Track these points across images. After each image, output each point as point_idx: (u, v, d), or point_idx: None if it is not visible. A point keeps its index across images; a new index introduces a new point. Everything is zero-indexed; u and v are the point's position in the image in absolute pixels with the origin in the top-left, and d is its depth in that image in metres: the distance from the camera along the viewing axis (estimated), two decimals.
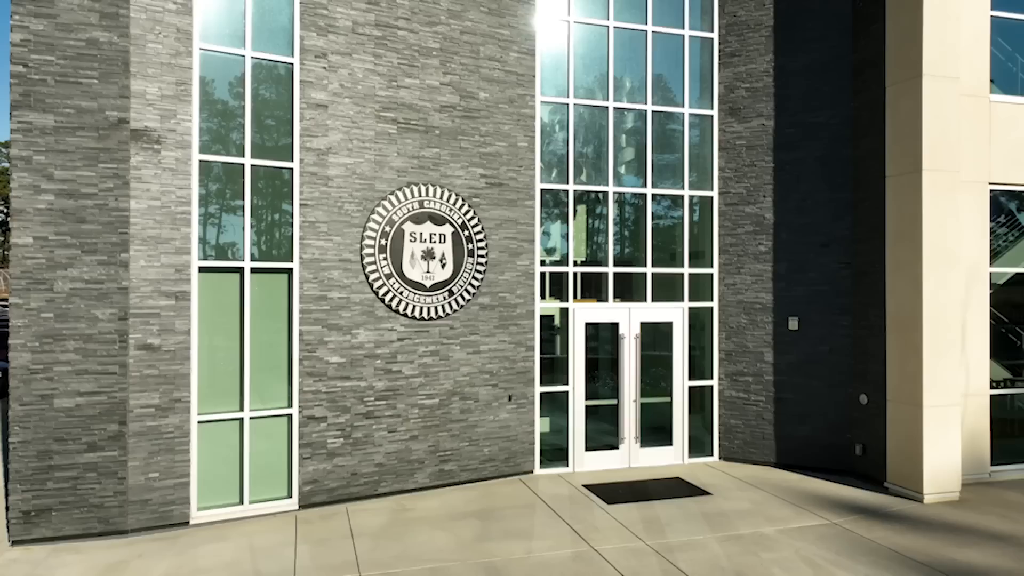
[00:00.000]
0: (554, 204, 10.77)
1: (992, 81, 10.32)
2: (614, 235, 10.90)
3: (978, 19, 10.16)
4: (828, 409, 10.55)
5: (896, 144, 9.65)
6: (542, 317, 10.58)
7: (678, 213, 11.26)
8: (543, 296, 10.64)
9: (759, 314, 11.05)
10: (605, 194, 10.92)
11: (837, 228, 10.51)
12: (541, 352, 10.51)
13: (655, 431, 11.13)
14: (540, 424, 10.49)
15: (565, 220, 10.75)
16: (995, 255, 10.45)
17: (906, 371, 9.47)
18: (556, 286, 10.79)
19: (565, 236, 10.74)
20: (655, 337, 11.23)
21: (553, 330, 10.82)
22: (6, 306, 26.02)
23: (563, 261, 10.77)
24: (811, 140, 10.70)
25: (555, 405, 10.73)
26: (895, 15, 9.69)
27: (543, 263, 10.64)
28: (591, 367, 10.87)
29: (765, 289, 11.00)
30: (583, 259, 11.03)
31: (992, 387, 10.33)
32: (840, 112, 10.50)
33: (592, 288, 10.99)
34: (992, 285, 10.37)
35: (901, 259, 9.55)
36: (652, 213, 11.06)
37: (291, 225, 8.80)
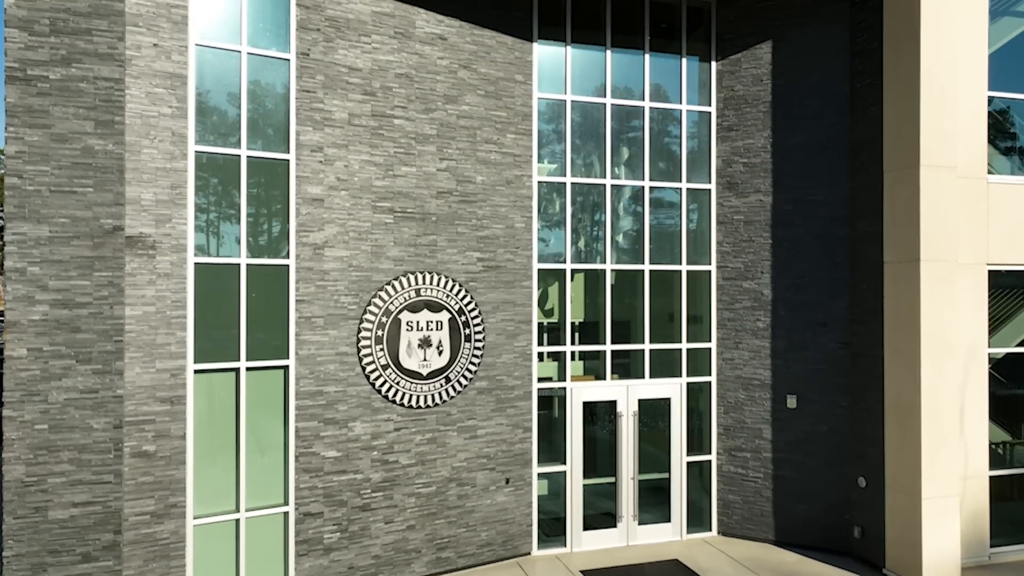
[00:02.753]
0: (552, 282, 10.74)
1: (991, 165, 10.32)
2: (611, 312, 10.86)
3: (975, 100, 10.14)
4: (827, 489, 10.52)
5: (894, 230, 9.63)
6: (539, 396, 10.54)
7: (676, 288, 11.22)
8: (540, 376, 10.61)
9: (757, 390, 11.01)
10: (603, 271, 10.90)
11: (835, 307, 10.49)
12: (538, 431, 10.48)
13: (653, 506, 11.09)
14: (537, 505, 10.44)
15: (563, 298, 10.72)
16: (993, 330, 10.39)
17: (904, 460, 9.44)
18: (554, 365, 10.76)
19: (562, 314, 10.71)
20: (653, 412, 11.20)
21: (551, 409, 10.78)
22: (2, 320, 25.67)
23: (560, 340, 10.74)
24: (809, 218, 10.68)
25: (553, 485, 10.69)
26: (892, 101, 9.68)
27: (540, 342, 10.61)
28: (589, 444, 10.84)
29: (763, 365, 10.97)
30: (580, 337, 10.99)
31: (992, 461, 10.25)
32: (837, 191, 10.49)
33: (589, 365, 10.96)
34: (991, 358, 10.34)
35: (899, 346, 9.53)
36: (650, 288, 11.03)
37: (287, 321, 8.77)
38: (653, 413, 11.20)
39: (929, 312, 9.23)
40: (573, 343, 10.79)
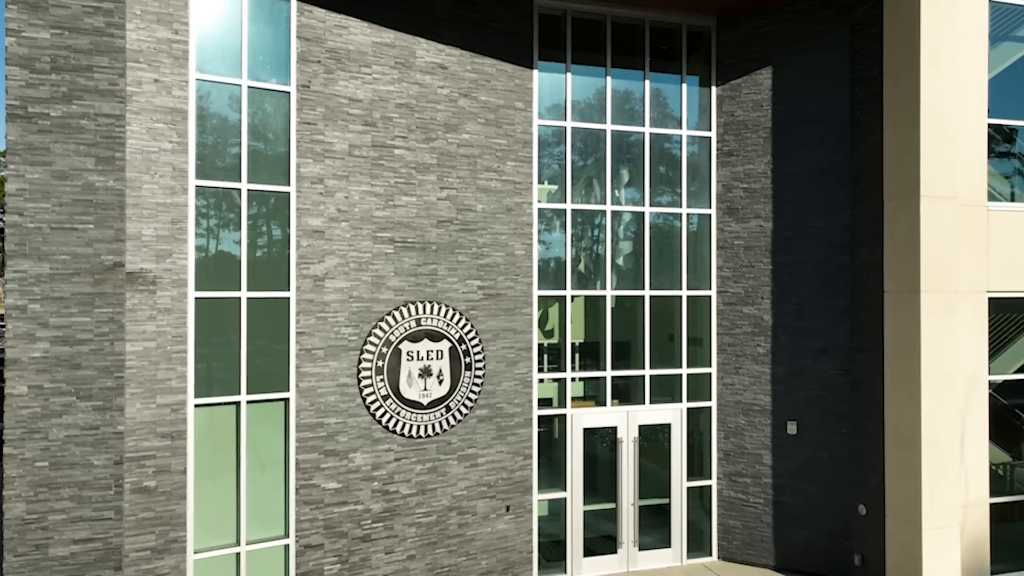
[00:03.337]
0: (552, 303, 10.75)
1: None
2: (612, 338, 10.86)
3: (975, 128, 10.13)
4: (827, 515, 10.52)
5: (894, 260, 9.63)
6: (540, 423, 10.54)
7: (676, 313, 11.22)
8: (540, 397, 10.61)
9: (757, 416, 11.01)
10: (603, 297, 10.90)
11: (835, 335, 10.49)
12: (538, 458, 10.47)
13: (654, 530, 11.09)
14: (538, 532, 10.44)
15: (563, 321, 10.73)
16: (993, 354, 10.37)
17: (905, 490, 9.44)
18: (554, 386, 10.76)
19: (563, 337, 10.72)
20: (653, 437, 11.20)
21: (551, 436, 10.78)
22: (3, 325, 25.56)
23: (561, 362, 10.75)
24: (809, 244, 10.69)
25: (553, 511, 10.69)
26: (892, 130, 9.69)
27: (541, 367, 10.61)
28: (589, 470, 10.84)
29: (764, 391, 10.97)
30: (581, 358, 11.00)
31: (993, 481, 10.23)
32: (838, 218, 10.49)
33: (589, 392, 10.97)
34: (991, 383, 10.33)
35: (899, 376, 9.53)
36: (650, 313, 11.03)
37: (288, 354, 8.77)
38: (653, 438, 11.19)
39: (929, 343, 9.23)
40: (574, 365, 10.79)
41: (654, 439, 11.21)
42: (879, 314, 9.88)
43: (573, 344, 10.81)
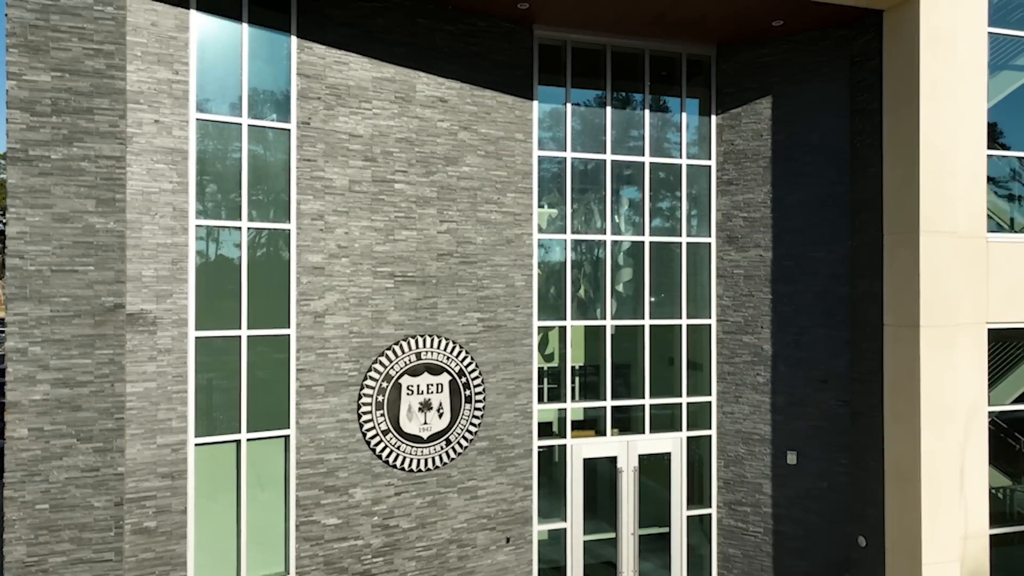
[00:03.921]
0: (552, 331, 10.76)
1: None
2: (611, 367, 10.87)
3: (974, 160, 10.12)
4: (827, 546, 10.52)
5: (894, 293, 9.64)
6: (539, 453, 10.55)
7: (676, 342, 11.23)
8: (540, 421, 10.60)
9: (757, 445, 11.02)
10: (603, 328, 10.91)
11: (835, 365, 10.49)
12: (538, 489, 10.48)
13: (654, 559, 11.09)
14: (538, 562, 10.44)
15: (564, 351, 10.74)
16: (992, 383, 10.35)
17: (905, 524, 9.45)
18: (554, 411, 10.77)
19: (562, 368, 10.73)
20: (653, 466, 11.20)
21: (551, 466, 10.78)
22: (3, 331, 25.48)
23: (561, 387, 10.76)
24: (809, 275, 10.69)
25: (553, 541, 10.70)
26: (892, 163, 9.69)
27: (541, 398, 10.62)
28: (589, 499, 10.84)
29: (763, 420, 10.97)
30: (581, 382, 11.01)
31: (992, 504, 10.21)
32: (838, 249, 10.49)
33: (589, 418, 10.98)
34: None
35: (899, 410, 9.53)
36: (650, 342, 11.03)
37: (288, 391, 8.77)
38: (654, 467, 11.20)
39: (929, 378, 9.24)
40: (574, 395, 10.80)
41: (654, 468, 11.21)
42: (879, 346, 9.88)
43: (573, 372, 10.82)
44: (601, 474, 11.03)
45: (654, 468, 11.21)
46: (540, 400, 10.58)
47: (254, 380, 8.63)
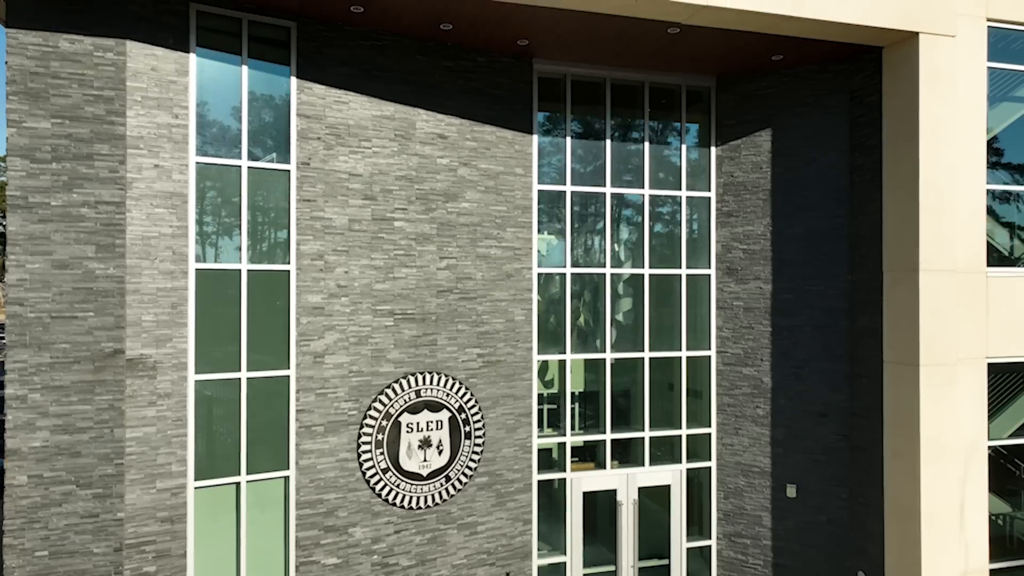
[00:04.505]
0: (551, 366, 10.77)
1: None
2: (611, 400, 10.87)
3: (973, 196, 10.11)
4: None
5: (893, 331, 9.64)
6: (539, 488, 10.54)
7: (676, 373, 11.22)
8: (540, 466, 10.60)
9: (757, 477, 11.02)
10: (603, 360, 10.91)
11: (835, 399, 10.49)
12: (538, 522, 10.47)
13: None
14: None
15: (563, 383, 10.74)
16: (992, 415, 10.34)
17: (904, 561, 9.44)
18: (554, 453, 10.77)
19: (562, 401, 10.73)
20: (653, 498, 11.20)
21: (551, 499, 10.78)
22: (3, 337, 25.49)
23: (561, 430, 10.76)
24: (809, 308, 10.69)
25: (553, 575, 10.69)
26: (891, 201, 9.69)
27: (540, 427, 10.62)
28: (589, 530, 10.83)
29: (763, 453, 10.97)
30: (581, 425, 11.01)
31: (992, 530, 10.20)
32: (837, 283, 10.49)
33: (589, 452, 10.98)
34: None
35: (899, 448, 9.53)
36: (650, 374, 11.03)
37: (287, 432, 8.78)
38: (653, 499, 11.19)
39: (929, 417, 9.23)
40: (573, 426, 10.79)
41: (654, 500, 11.20)
42: (878, 382, 9.88)
43: (573, 404, 10.82)
44: (601, 505, 11.02)
45: (654, 500, 11.21)
46: (540, 428, 10.58)
47: (254, 422, 8.63)
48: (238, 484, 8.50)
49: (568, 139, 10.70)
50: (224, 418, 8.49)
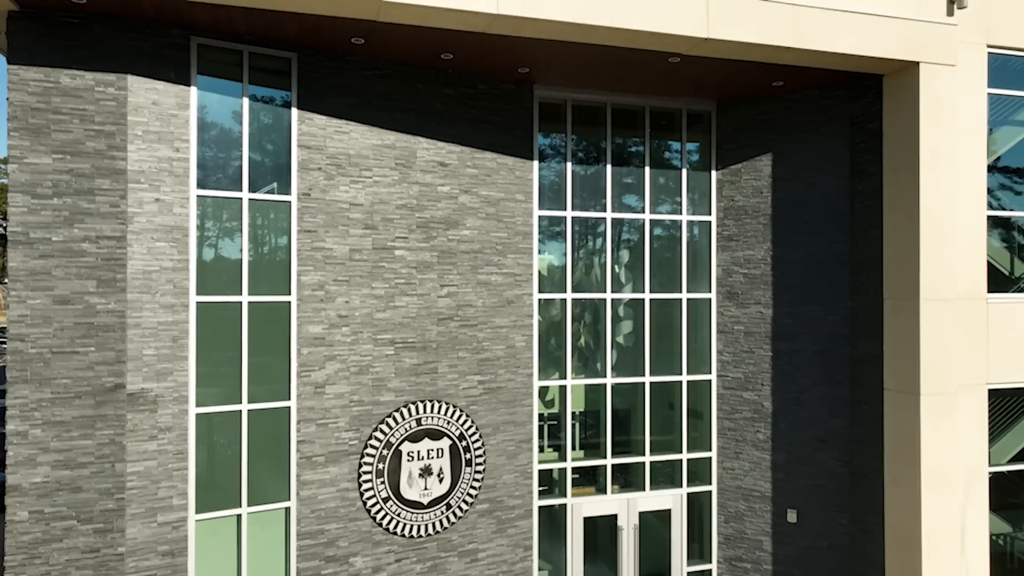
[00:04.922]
0: (552, 390, 10.77)
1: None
2: (612, 424, 10.87)
3: (974, 222, 10.11)
4: None
5: (894, 358, 9.64)
6: (539, 513, 10.53)
7: (677, 397, 11.23)
8: (540, 492, 10.60)
9: (757, 502, 11.02)
10: (603, 385, 10.91)
11: (836, 425, 10.49)
12: (538, 548, 10.47)
13: None
14: None
15: (564, 408, 10.74)
16: (992, 439, 10.33)
17: None
18: (554, 478, 10.77)
19: (563, 426, 10.73)
20: (654, 522, 11.20)
21: (552, 524, 10.77)
22: (4, 341, 25.38)
23: (562, 455, 10.76)
24: (809, 333, 10.69)
25: None
26: (892, 228, 9.69)
27: (541, 448, 10.62)
28: (590, 554, 10.83)
29: (764, 477, 10.97)
30: (581, 449, 11.01)
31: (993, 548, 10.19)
32: (838, 308, 10.50)
33: (589, 476, 10.98)
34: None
35: (899, 475, 9.53)
36: (651, 398, 11.03)
37: (288, 463, 8.77)
38: (654, 522, 11.19)
39: (929, 446, 9.23)
40: (574, 446, 10.80)
41: (655, 524, 11.20)
42: (879, 409, 9.88)
43: (574, 428, 10.82)
44: (602, 530, 11.02)
45: (655, 524, 11.20)
46: (540, 451, 10.58)
47: (255, 453, 8.63)
48: (239, 516, 8.50)
49: (569, 164, 10.70)
50: (225, 450, 8.49)
